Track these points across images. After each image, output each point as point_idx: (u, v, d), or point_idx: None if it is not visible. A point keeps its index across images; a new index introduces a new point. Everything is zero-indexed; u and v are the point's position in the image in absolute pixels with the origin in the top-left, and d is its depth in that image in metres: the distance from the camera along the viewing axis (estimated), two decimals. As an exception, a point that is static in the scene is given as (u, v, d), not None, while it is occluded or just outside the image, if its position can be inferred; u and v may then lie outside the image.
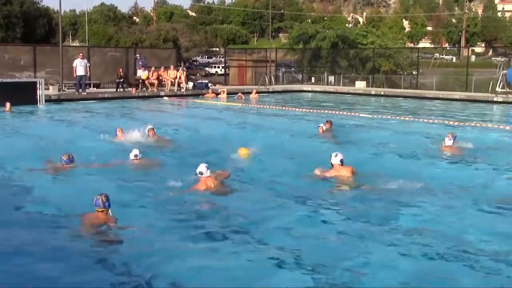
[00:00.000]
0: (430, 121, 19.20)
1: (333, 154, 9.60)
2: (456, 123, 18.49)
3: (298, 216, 7.73)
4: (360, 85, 37.24)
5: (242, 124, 18.72)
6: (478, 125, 18.34)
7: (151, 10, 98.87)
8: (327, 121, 15.56)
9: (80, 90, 26.45)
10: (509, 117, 22.98)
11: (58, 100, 25.01)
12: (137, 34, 54.76)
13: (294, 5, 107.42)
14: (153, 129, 13.71)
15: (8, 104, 20.86)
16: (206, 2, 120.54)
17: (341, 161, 9.48)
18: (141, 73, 29.83)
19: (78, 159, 10.44)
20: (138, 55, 30.07)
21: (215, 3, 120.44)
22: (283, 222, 7.45)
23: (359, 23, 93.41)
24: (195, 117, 21.51)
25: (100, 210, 6.91)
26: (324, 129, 14.89)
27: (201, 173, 8.69)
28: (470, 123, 18.79)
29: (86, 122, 18.90)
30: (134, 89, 29.01)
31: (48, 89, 26.05)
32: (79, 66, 26.24)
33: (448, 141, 12.21)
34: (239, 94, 29.11)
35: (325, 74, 42.00)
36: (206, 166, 8.80)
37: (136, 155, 10.58)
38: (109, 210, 6.97)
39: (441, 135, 13.64)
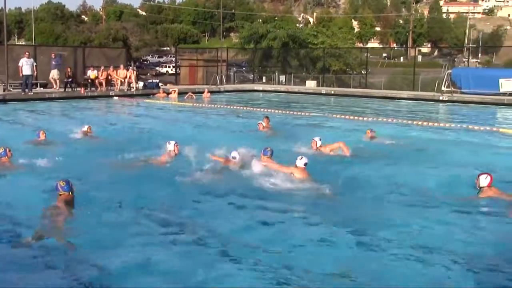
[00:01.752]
0: (374, 119, 19.58)
1: (298, 157, 9.59)
2: (396, 120, 18.93)
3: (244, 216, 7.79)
4: (311, 84, 37.62)
5: (189, 122, 18.69)
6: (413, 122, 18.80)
7: (100, 9, 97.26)
8: (265, 118, 15.93)
9: (26, 90, 25.77)
10: (452, 116, 23.62)
11: (3, 100, 24.29)
12: (85, 33, 53.86)
13: (245, 5, 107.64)
14: (89, 128, 14.09)
15: None
16: (156, 1, 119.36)
17: (305, 164, 9.46)
18: (90, 73, 29.32)
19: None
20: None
21: (166, 2, 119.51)
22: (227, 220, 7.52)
23: (310, 23, 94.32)
24: (141, 116, 21.33)
25: (61, 193, 7.31)
26: (263, 126, 15.28)
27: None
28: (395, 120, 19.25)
29: (30, 122, 18.45)
30: (83, 89, 28.46)
31: (-8, 89, 25.30)
32: (25, 66, 25.55)
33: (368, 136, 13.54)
34: (189, 93, 28.97)
35: (276, 74, 42.23)
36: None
37: None
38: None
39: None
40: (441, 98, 28.34)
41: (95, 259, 5.95)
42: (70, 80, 28.25)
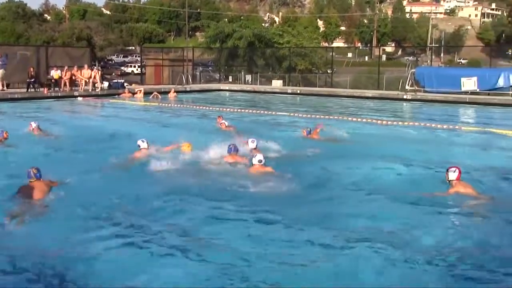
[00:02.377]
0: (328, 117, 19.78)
1: (254, 156, 9.76)
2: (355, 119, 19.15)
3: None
4: (277, 84, 37.76)
5: (153, 122, 18.56)
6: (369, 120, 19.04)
7: (63, 8, 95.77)
8: (218, 117, 16.36)
9: None
10: (415, 114, 23.98)
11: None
12: (48, 32, 52.92)
13: (210, 4, 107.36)
14: (37, 126, 14.24)
15: None
16: (121, 0, 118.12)
17: (260, 161, 9.64)
18: (54, 73, 28.84)
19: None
20: None
21: (130, 2, 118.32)
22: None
23: (275, 22, 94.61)
24: (105, 116, 21.11)
25: (33, 180, 7.99)
26: (226, 125, 15.38)
27: None
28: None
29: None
30: (46, 89, 27.98)
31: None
32: None
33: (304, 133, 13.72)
34: (155, 93, 28.76)
35: (242, 73, 42.25)
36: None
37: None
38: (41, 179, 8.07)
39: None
40: (405, 97, 28.77)
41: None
42: (33, 80, 27.74)
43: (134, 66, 61.17)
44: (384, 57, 75.87)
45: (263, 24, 74.58)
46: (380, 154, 12.16)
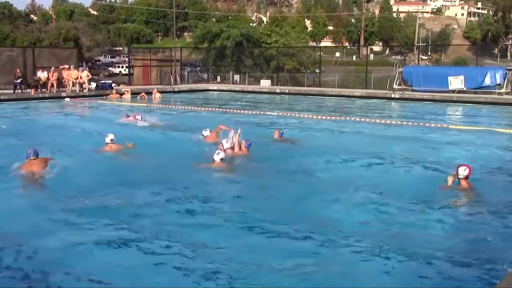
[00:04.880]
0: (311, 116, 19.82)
1: (215, 152, 10.30)
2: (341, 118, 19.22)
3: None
4: (265, 83, 37.75)
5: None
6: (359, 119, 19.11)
7: (49, 8, 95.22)
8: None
9: None
10: (403, 112, 24.07)
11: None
12: (35, 33, 52.56)
13: (198, 4, 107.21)
14: None
15: None
16: (108, 1, 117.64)
17: (222, 159, 10.19)
18: (41, 74, 28.65)
19: None
20: None
21: (118, 2, 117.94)
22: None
23: (263, 22, 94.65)
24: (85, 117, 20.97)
25: (33, 158, 9.48)
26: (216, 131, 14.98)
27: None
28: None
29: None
30: (33, 90, 27.77)
31: None
32: None
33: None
34: (142, 94, 28.63)
35: (231, 73, 42.19)
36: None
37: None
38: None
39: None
40: (393, 95, 28.89)
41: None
42: (19, 81, 27.53)
43: (122, 67, 60.88)
44: (371, 56, 76.12)
45: (251, 24, 74.51)
46: (367, 152, 12.22)
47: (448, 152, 12.67)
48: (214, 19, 74.73)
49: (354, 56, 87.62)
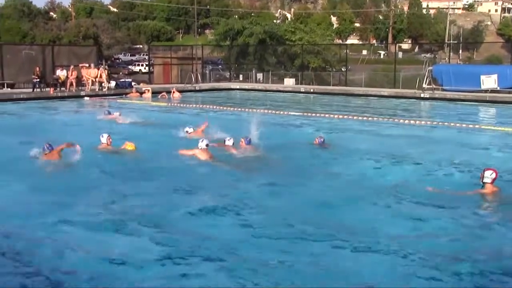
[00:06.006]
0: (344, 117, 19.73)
1: (200, 140, 11.45)
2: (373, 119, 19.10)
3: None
4: (289, 82, 37.70)
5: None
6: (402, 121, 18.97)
7: (69, 6, 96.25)
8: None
9: None
10: (434, 113, 23.85)
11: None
12: (54, 31, 53.26)
13: (220, 1, 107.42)
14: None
15: None
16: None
17: (207, 145, 11.29)
18: (60, 72, 29.01)
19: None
20: None
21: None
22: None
23: (287, 19, 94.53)
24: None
25: (47, 152, 10.61)
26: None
27: None
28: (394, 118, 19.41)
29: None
30: (52, 89, 28.14)
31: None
32: None
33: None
34: (163, 93, 28.77)
35: (253, 72, 42.23)
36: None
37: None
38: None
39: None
40: (422, 95, 28.63)
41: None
42: (38, 80, 27.90)
43: (142, 65, 61.35)
44: (400, 54, 75.55)
45: (275, 21, 74.50)
46: (395, 154, 12.20)
47: (479, 154, 12.54)
48: (236, 16, 74.87)
49: (381, 54, 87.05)
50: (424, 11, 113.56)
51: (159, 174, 10.19)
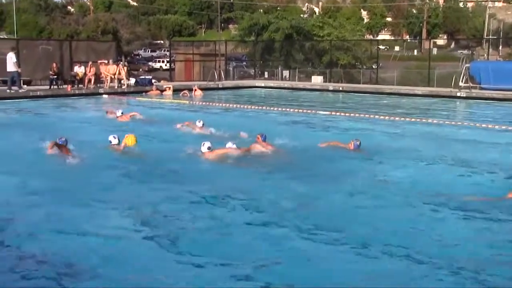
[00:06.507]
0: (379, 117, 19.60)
1: (202, 144, 11.58)
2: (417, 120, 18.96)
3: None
4: (317, 80, 37.60)
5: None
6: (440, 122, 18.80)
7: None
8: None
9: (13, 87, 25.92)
10: (470, 113, 23.60)
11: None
12: (72, 26, 53.87)
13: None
14: None
15: None
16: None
17: (209, 148, 11.53)
18: (78, 69, 29.36)
19: None
20: None
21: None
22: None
23: (315, 13, 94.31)
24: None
25: (63, 145, 11.54)
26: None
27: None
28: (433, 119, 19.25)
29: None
30: (69, 86, 28.48)
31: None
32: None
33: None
34: (185, 91, 28.89)
35: (279, 69, 42.23)
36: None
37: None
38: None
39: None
40: (458, 94, 28.32)
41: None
42: (55, 77, 28.25)
43: (163, 61, 61.84)
44: (435, 51, 74.88)
45: (302, 15, 74.39)
46: (429, 156, 12.13)
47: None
48: (261, 10, 74.92)
49: (415, 51, 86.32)
50: (461, 4, 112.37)
51: (173, 174, 10.41)
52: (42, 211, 8.06)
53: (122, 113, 17.79)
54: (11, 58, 25.61)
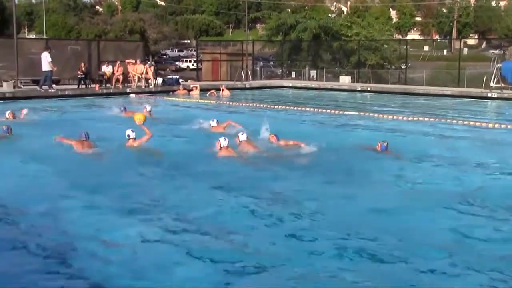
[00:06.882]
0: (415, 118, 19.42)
1: (222, 138, 11.75)
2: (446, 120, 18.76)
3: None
4: (345, 80, 37.43)
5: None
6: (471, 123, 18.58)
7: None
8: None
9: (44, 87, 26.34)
10: (502, 115, 23.27)
11: (12, 98, 24.61)
12: (100, 25, 54.39)
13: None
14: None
15: None
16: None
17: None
18: (105, 68, 29.67)
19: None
20: None
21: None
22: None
23: (343, 13, 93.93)
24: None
25: (84, 140, 12.18)
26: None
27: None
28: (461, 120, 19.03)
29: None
30: (97, 85, 28.79)
31: (1, 86, 25.70)
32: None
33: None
34: (212, 91, 28.98)
35: (307, 69, 42.16)
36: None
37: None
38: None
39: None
40: (489, 95, 27.95)
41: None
42: (84, 76, 28.58)
43: (190, 61, 62.14)
44: (465, 51, 74.03)
45: (330, 15, 74.13)
46: (459, 157, 12.05)
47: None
48: (289, 10, 74.86)
49: (445, 51, 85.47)
50: (493, 3, 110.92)
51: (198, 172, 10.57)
52: (69, 205, 8.29)
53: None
54: (45, 57, 26.03)
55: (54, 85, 27.83)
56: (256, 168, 10.88)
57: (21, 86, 27.57)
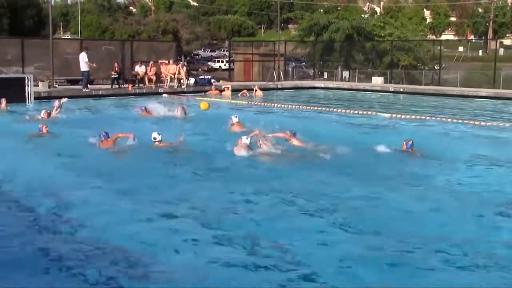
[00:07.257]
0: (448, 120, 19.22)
1: (244, 137, 12.11)
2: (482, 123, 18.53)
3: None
4: (377, 81, 37.17)
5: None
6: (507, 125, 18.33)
7: (149, 0, 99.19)
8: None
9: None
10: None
11: (48, 98, 24.99)
12: (134, 26, 54.89)
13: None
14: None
15: (3, 101, 20.33)
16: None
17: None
18: (138, 68, 29.99)
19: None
20: None
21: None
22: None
23: (376, 13, 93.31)
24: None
25: (103, 140, 12.50)
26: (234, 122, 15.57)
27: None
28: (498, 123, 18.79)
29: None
30: (130, 85, 29.11)
31: (37, 85, 26.15)
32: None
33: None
34: (244, 91, 29.03)
35: (339, 69, 41.99)
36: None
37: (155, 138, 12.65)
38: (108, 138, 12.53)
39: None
40: (525, 96, 27.57)
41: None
42: (117, 76, 28.93)
43: (222, 61, 62.37)
44: (501, 51, 72.89)
45: (363, 15, 73.72)
46: (489, 159, 12.07)
47: None
48: (321, 10, 74.69)
49: (480, 51, 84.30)
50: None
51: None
52: (94, 201, 8.61)
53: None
54: (83, 58, 26.52)
55: (88, 85, 28.24)
56: (281, 167, 11.03)
57: (56, 86, 28.01)
